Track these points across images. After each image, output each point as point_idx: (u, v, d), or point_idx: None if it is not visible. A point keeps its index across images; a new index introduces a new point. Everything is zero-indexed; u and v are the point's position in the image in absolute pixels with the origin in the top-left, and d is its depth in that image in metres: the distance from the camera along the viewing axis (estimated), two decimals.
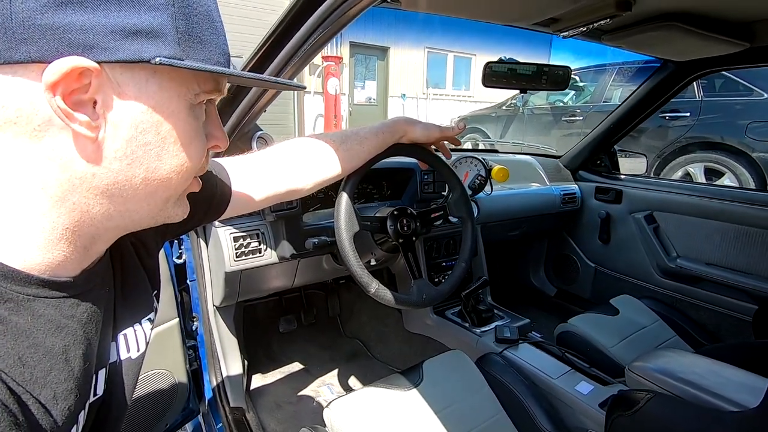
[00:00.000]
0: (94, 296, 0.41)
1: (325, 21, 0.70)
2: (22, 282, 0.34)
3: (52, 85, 0.30)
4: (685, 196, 1.63)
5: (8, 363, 0.32)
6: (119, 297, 0.48)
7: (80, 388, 0.40)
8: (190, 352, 1.21)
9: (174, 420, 1.14)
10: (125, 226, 0.41)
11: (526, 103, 5.55)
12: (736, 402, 0.77)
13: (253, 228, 1.14)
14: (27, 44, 0.29)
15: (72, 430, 0.39)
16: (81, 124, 0.32)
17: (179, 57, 0.34)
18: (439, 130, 0.92)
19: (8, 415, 0.31)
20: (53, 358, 0.36)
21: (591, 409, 1.01)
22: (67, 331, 0.37)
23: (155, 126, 0.35)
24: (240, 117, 0.93)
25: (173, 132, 0.37)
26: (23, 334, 0.34)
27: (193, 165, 0.40)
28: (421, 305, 0.99)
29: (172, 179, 0.38)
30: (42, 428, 0.34)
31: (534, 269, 2.25)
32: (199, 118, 0.40)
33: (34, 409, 0.33)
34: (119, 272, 0.48)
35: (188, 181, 0.41)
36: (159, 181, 0.38)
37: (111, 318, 0.46)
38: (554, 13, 0.95)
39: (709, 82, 3.71)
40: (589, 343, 1.30)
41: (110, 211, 0.37)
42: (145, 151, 0.36)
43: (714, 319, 1.54)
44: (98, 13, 0.30)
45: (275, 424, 1.40)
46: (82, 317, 0.39)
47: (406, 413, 0.95)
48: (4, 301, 0.33)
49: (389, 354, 1.74)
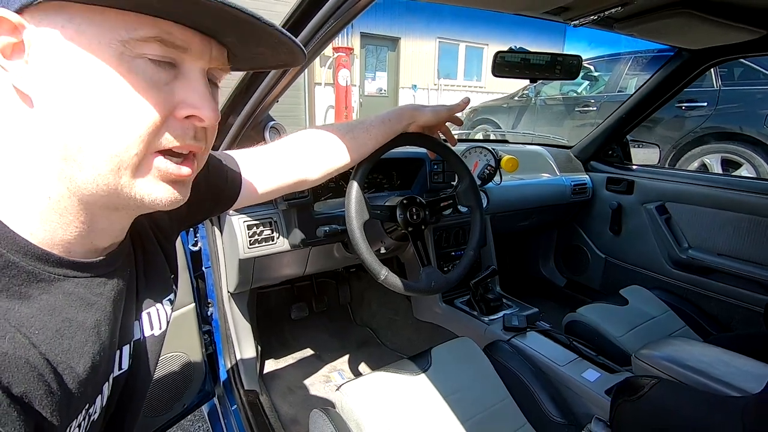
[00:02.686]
0: (119, 276, 0.44)
1: (336, 12, 0.71)
2: (54, 263, 0.36)
3: None
4: (698, 187, 1.61)
5: (47, 335, 0.35)
6: (141, 278, 0.50)
7: (107, 361, 0.43)
8: (206, 336, 1.25)
9: (191, 401, 1.19)
10: (105, 204, 0.38)
11: (539, 94, 5.47)
12: (742, 389, 0.78)
13: (266, 216, 1.16)
14: None
15: (98, 400, 0.42)
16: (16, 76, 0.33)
17: None
18: (446, 109, 0.93)
19: (43, 385, 0.33)
20: (86, 332, 0.39)
21: (597, 395, 1.02)
22: (97, 307, 0.40)
23: (79, 77, 0.33)
24: (254, 106, 0.95)
25: (100, 85, 0.33)
26: (56, 310, 0.36)
27: (135, 127, 0.35)
28: (429, 292, 1.01)
29: (107, 141, 0.34)
30: (74, 396, 0.37)
31: (543, 260, 2.25)
32: (148, 75, 0.35)
33: (68, 378, 0.36)
34: (141, 255, 0.51)
35: (134, 147, 0.35)
36: (97, 142, 0.34)
37: (134, 297, 0.49)
38: (564, 2, 0.95)
39: (728, 71, 3.61)
40: (597, 332, 1.31)
41: (75, 178, 0.35)
42: (77, 106, 0.33)
43: (725, 310, 1.53)
44: None
45: (287, 407, 1.44)
46: (110, 295, 0.42)
47: (414, 397, 0.98)
48: (37, 281, 0.35)
49: (399, 341, 1.77)
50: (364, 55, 8.88)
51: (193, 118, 0.39)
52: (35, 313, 0.34)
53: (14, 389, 0.31)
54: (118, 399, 0.49)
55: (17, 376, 0.31)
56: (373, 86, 9.26)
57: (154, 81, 0.35)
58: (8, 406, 0.30)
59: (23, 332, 0.33)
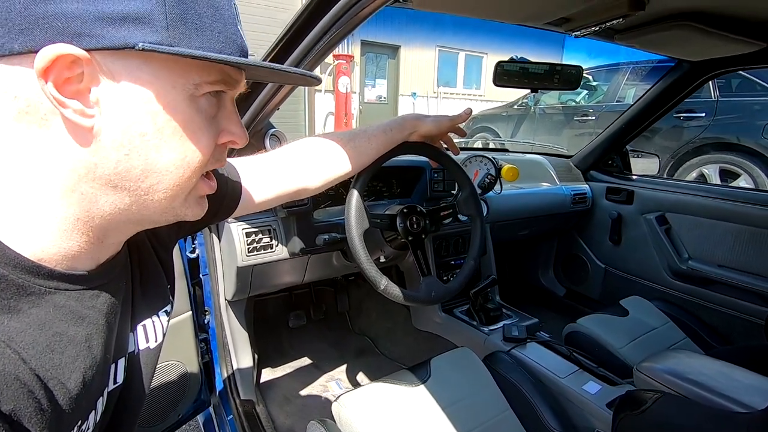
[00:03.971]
0: (113, 288, 0.43)
1: (339, 21, 0.71)
2: (44, 276, 0.35)
3: (43, 71, 0.30)
4: (698, 198, 1.61)
5: (37, 350, 0.34)
6: (137, 289, 0.49)
7: (101, 375, 0.42)
8: (202, 344, 1.23)
9: (186, 411, 1.17)
10: (137, 221, 0.41)
11: (538, 103, 5.51)
12: (746, 404, 0.77)
13: (265, 224, 1.16)
14: (24, 34, 0.30)
15: (90, 416, 0.41)
16: (75, 111, 0.32)
17: (168, 43, 0.33)
18: (448, 119, 0.93)
19: (33, 402, 0.32)
20: (77, 346, 0.37)
21: (598, 408, 1.01)
22: (88, 321, 0.39)
23: (151, 116, 0.35)
24: (254, 114, 0.95)
25: (171, 124, 0.36)
26: (46, 324, 0.35)
27: (198, 160, 0.39)
28: (429, 302, 1.00)
29: (172, 173, 0.37)
30: (65, 413, 0.35)
31: (543, 269, 2.24)
32: (205, 111, 0.38)
33: (59, 394, 0.35)
34: (137, 266, 0.50)
35: (193, 176, 0.39)
36: (159, 174, 0.37)
37: (129, 309, 0.48)
38: (566, 13, 0.95)
39: (726, 82, 3.65)
40: (597, 344, 1.30)
41: (118, 204, 0.37)
42: (142, 142, 0.35)
43: (726, 322, 1.53)
44: (87, 1, 0.31)
45: (284, 417, 1.42)
46: (102, 308, 0.41)
47: (413, 409, 0.96)
48: (27, 294, 0.34)
49: (397, 351, 1.75)
50: (364, 63, 8.93)
51: (229, 142, 0.43)
52: (25, 328, 0.33)
53: (3, 407, 0.30)
54: (113, 413, 0.47)
55: (7, 393, 0.30)
56: (372, 93, 9.31)
57: (209, 115, 0.39)
58: None
59: (13, 347, 0.32)
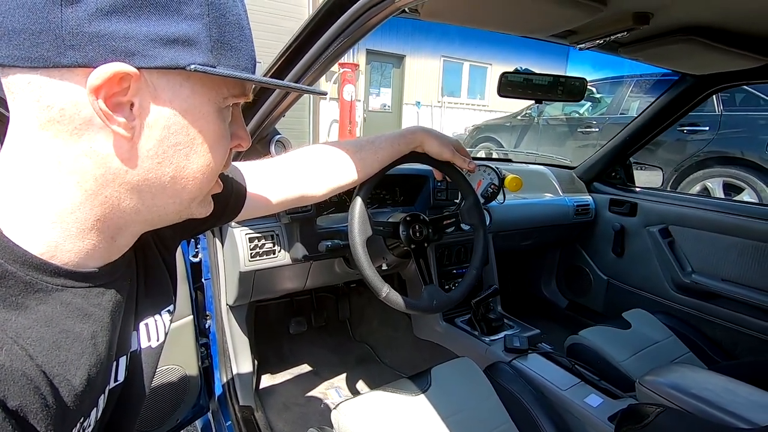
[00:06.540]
0: (118, 286, 0.43)
1: (346, 30, 0.72)
2: (52, 273, 0.36)
3: (96, 88, 0.32)
4: (702, 211, 1.60)
5: (44, 347, 0.34)
6: (141, 288, 0.50)
7: (104, 373, 0.42)
8: (203, 349, 1.23)
9: (184, 416, 1.16)
10: (152, 221, 0.43)
11: (541, 114, 5.53)
12: (749, 420, 0.76)
13: (268, 229, 1.16)
14: (74, 50, 0.31)
15: (92, 413, 0.41)
16: (119, 125, 0.34)
17: (211, 64, 0.36)
18: (451, 153, 0.92)
19: (39, 398, 0.32)
20: (83, 343, 0.38)
21: (600, 422, 1.00)
22: (94, 319, 0.40)
23: (186, 128, 0.38)
24: (260, 120, 0.95)
25: (202, 133, 0.39)
26: (53, 321, 0.35)
27: (218, 164, 0.42)
28: (431, 311, 0.99)
29: (198, 178, 0.41)
30: (69, 409, 0.36)
31: (546, 280, 2.23)
32: (226, 119, 0.42)
33: (65, 391, 0.35)
34: (142, 265, 0.50)
35: (213, 179, 0.43)
36: (186, 180, 0.40)
37: (133, 308, 0.48)
38: (571, 26, 0.96)
39: (730, 97, 3.65)
40: (599, 356, 1.29)
41: (138, 206, 0.39)
42: (175, 151, 0.38)
43: (729, 337, 1.51)
44: (140, 22, 0.32)
45: (283, 425, 1.41)
46: (107, 305, 0.41)
47: (413, 418, 0.96)
48: (35, 291, 0.34)
49: (398, 359, 1.74)
50: (369, 71, 8.99)
51: (237, 146, 0.46)
52: (32, 324, 0.34)
53: (10, 402, 0.30)
54: (113, 411, 0.48)
55: (14, 389, 0.30)
56: (377, 102, 9.36)
57: (227, 123, 0.43)
58: (3, 420, 0.29)
59: (20, 344, 0.32)
